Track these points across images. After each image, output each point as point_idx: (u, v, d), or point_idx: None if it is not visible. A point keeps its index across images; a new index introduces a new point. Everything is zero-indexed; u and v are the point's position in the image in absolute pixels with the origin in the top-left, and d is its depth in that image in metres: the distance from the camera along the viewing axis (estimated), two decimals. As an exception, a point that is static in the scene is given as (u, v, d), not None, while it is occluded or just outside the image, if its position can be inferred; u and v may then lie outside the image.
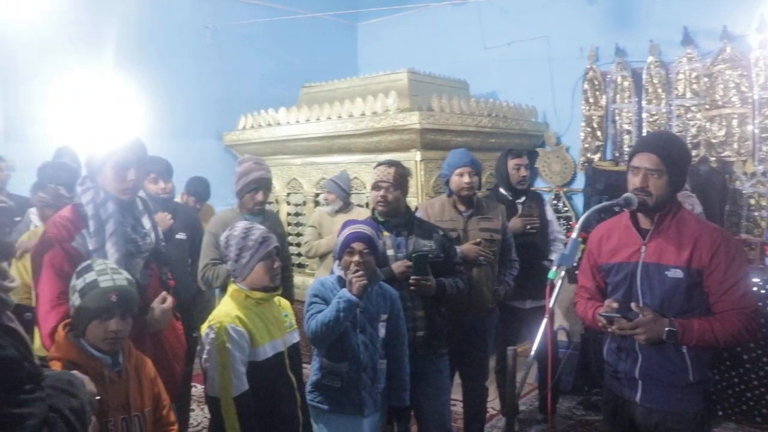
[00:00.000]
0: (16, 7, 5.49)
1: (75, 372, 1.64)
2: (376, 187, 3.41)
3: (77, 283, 2.22)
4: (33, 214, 3.89)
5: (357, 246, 2.97)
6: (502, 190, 4.59)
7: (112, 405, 2.18)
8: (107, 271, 2.24)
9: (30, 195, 3.88)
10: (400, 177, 3.45)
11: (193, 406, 4.83)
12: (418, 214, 3.71)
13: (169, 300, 2.72)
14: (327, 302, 2.98)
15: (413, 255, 3.29)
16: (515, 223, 4.37)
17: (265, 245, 2.68)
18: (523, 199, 4.55)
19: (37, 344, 2.41)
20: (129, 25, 6.15)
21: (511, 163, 4.53)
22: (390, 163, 3.47)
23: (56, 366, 2.13)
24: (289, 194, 6.51)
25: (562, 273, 2.28)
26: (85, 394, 1.53)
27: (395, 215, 3.45)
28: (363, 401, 2.99)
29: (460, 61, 7.15)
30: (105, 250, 2.49)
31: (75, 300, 2.21)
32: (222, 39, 7.03)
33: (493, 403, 4.73)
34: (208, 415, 4.45)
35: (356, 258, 2.95)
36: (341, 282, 3.03)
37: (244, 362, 2.54)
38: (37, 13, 5.59)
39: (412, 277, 3.27)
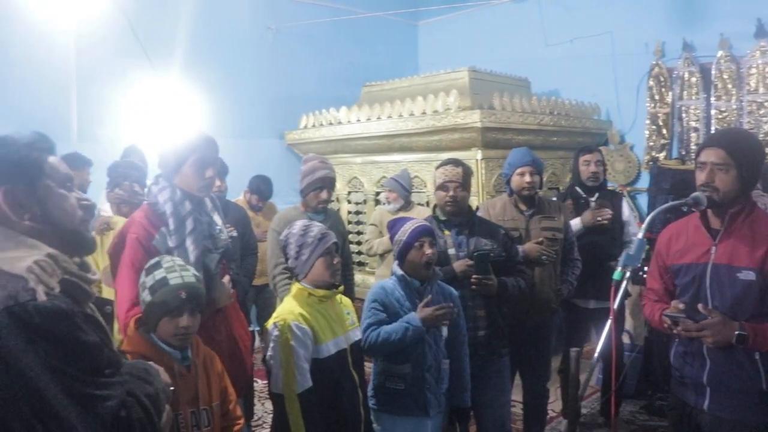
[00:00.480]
0: (90, 15, 5.72)
1: (151, 362, 1.70)
2: (443, 187, 3.39)
3: (147, 280, 2.27)
4: (103, 211, 4.00)
5: (425, 239, 2.98)
6: (577, 189, 4.51)
7: (182, 399, 2.22)
8: (176, 269, 2.27)
9: (106, 193, 4.00)
10: (467, 176, 3.44)
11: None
12: (479, 214, 3.69)
13: (227, 277, 2.78)
14: (386, 309, 2.98)
15: (475, 254, 3.27)
16: (586, 216, 4.29)
17: (324, 241, 2.70)
18: (596, 196, 4.45)
19: (116, 338, 2.50)
20: (194, 28, 6.32)
21: (581, 159, 4.46)
22: (456, 163, 3.45)
23: (128, 359, 2.19)
24: (349, 193, 6.56)
25: (627, 274, 2.24)
26: (159, 383, 1.60)
27: (460, 215, 3.44)
28: (428, 402, 2.96)
29: (521, 59, 7.08)
30: (185, 247, 2.54)
31: (145, 297, 2.25)
32: (284, 39, 7.14)
33: (554, 405, 4.67)
34: (269, 410, 4.56)
35: (428, 251, 2.96)
36: (402, 283, 3.03)
37: (307, 359, 2.56)
38: (109, 20, 5.82)
39: (474, 276, 3.25)
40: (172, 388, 1.69)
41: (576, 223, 4.30)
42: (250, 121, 6.74)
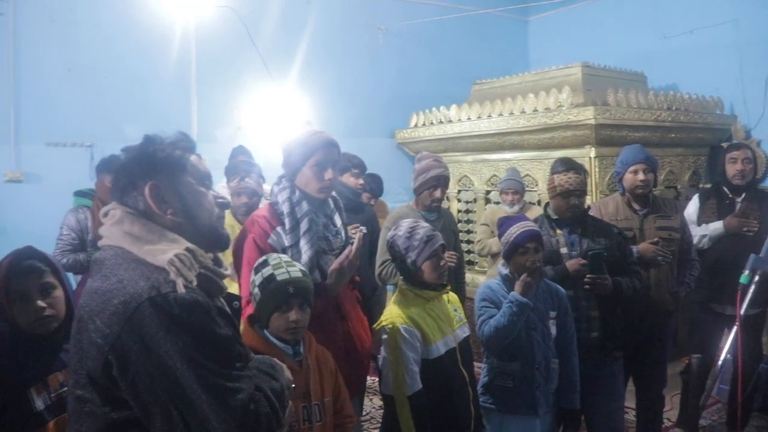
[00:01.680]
0: (209, 20, 6.08)
1: (275, 359, 1.75)
2: (565, 194, 3.34)
3: (256, 278, 2.31)
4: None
5: (531, 245, 2.96)
6: (723, 188, 4.28)
7: (294, 393, 2.20)
8: (282, 265, 2.31)
9: (230, 191, 4.19)
10: (586, 182, 3.40)
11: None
12: (591, 213, 3.62)
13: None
14: (497, 305, 2.99)
15: (589, 253, 3.22)
16: (730, 222, 4.08)
17: (431, 243, 2.69)
18: (742, 196, 4.20)
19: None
20: (307, 31, 6.56)
21: (728, 156, 4.22)
22: (576, 170, 3.38)
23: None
24: (459, 191, 6.57)
25: (756, 278, 2.15)
26: (284, 379, 1.65)
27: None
28: (537, 401, 2.96)
29: (636, 53, 6.84)
30: (299, 247, 2.60)
31: (256, 294, 2.30)
32: (394, 39, 7.23)
33: (670, 414, 4.49)
34: (377, 406, 4.66)
35: (531, 258, 2.95)
36: (508, 282, 3.04)
37: (417, 361, 2.57)
38: (226, 24, 6.16)
39: (588, 276, 3.21)
40: (293, 385, 1.73)
41: (717, 227, 4.11)
42: (361, 121, 6.88)
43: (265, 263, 2.33)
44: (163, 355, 1.36)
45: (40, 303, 2.03)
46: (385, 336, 2.59)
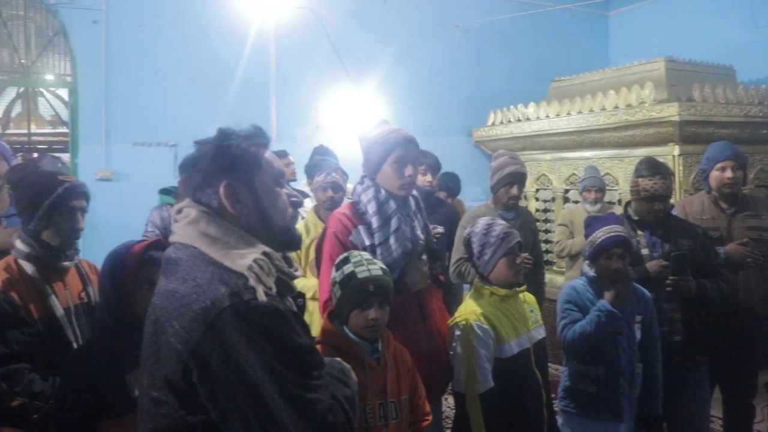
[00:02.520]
0: (288, 21, 6.25)
1: (341, 360, 1.70)
2: (650, 199, 3.24)
3: (337, 275, 2.31)
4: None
5: (616, 251, 2.90)
6: None
7: (371, 390, 2.24)
8: (363, 263, 2.30)
9: (313, 187, 4.25)
10: (671, 186, 3.30)
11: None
12: (674, 212, 3.50)
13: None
14: (580, 308, 2.94)
15: (671, 254, 3.13)
16: None
17: (507, 241, 2.66)
18: None
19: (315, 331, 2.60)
20: (384, 30, 6.63)
21: None
22: (662, 174, 3.26)
23: (320, 349, 2.23)
24: (537, 190, 6.49)
25: None
26: (354, 384, 1.62)
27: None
28: (621, 406, 2.88)
29: (724, 45, 6.58)
30: (388, 245, 2.60)
31: (336, 291, 2.30)
32: (471, 36, 7.20)
33: (760, 426, 4.29)
34: (451, 405, 4.63)
35: (616, 265, 2.88)
36: (593, 284, 2.98)
37: (489, 359, 2.55)
38: (305, 25, 6.32)
39: (671, 277, 3.11)
40: (356, 389, 1.68)
41: None
42: (438, 119, 6.88)
43: (346, 260, 2.33)
44: (244, 364, 1.33)
45: None
46: (458, 332, 2.58)
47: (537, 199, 6.50)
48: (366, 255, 2.39)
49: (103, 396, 1.97)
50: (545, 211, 6.41)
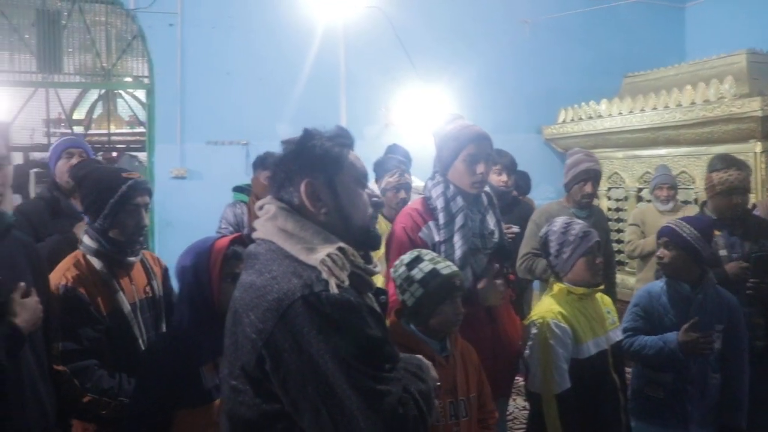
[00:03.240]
0: (357, 19, 6.33)
1: (421, 357, 1.71)
2: (727, 192, 3.15)
3: (413, 273, 2.26)
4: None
5: None
6: None
7: (441, 389, 2.18)
8: (439, 260, 2.30)
9: (383, 186, 4.26)
10: (749, 179, 3.20)
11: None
12: (756, 213, 3.37)
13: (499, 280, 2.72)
14: (649, 315, 2.86)
15: (753, 255, 3.01)
16: None
17: (586, 240, 2.61)
18: None
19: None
20: (452, 27, 6.62)
21: None
22: (738, 166, 3.17)
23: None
24: (609, 189, 6.35)
25: None
26: (431, 380, 1.61)
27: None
28: (689, 416, 2.78)
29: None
30: (452, 243, 2.58)
31: (415, 290, 2.24)
32: (540, 32, 7.10)
33: None
34: (520, 406, 4.58)
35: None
36: (670, 288, 2.88)
37: (566, 359, 2.51)
38: (373, 23, 6.38)
39: (751, 280, 3.00)
40: (438, 383, 1.70)
41: None
42: (507, 116, 6.81)
43: (419, 259, 2.29)
44: (314, 354, 1.35)
45: None
46: (534, 331, 2.54)
47: (609, 198, 6.36)
48: (434, 254, 2.37)
49: (178, 387, 2.02)
50: (617, 210, 6.27)
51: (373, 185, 4.27)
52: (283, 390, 1.40)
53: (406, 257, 2.35)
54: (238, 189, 4.66)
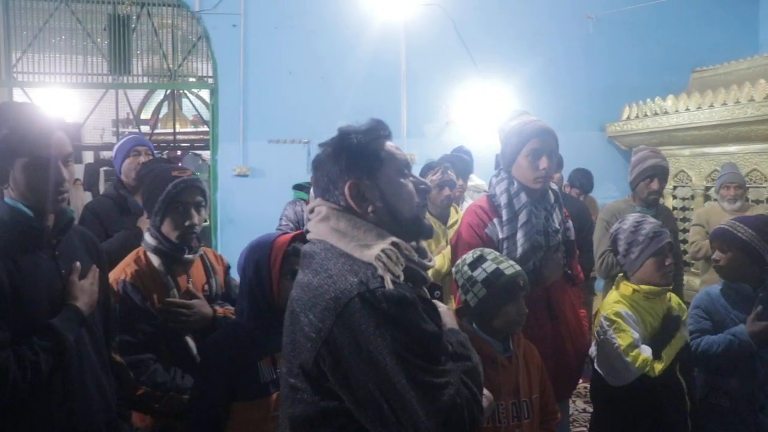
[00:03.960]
0: (417, 17, 6.33)
1: (457, 330, 1.69)
2: None
3: (476, 274, 2.24)
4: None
5: None
6: None
7: (504, 390, 2.21)
8: (502, 259, 2.27)
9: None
10: None
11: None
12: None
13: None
14: (711, 316, 2.76)
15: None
16: None
17: (656, 240, 2.56)
18: None
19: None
20: (514, 24, 6.56)
21: None
22: None
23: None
24: (675, 188, 6.18)
25: None
26: (475, 355, 1.61)
27: None
28: (760, 425, 2.64)
29: None
30: (515, 240, 2.56)
31: (478, 291, 2.23)
32: (604, 28, 6.94)
33: None
34: (580, 409, 4.50)
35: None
36: (730, 288, 2.79)
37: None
38: (434, 21, 6.37)
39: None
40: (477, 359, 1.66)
41: None
42: (569, 114, 6.69)
43: (482, 259, 2.28)
44: (373, 351, 1.37)
45: None
46: (606, 324, 2.50)
47: (675, 197, 6.19)
48: (497, 252, 2.36)
49: (236, 380, 2.07)
50: (683, 209, 6.09)
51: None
52: (344, 388, 1.42)
53: (469, 257, 2.32)
54: (298, 187, 4.71)
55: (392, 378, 1.37)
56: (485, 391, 1.66)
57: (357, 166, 1.55)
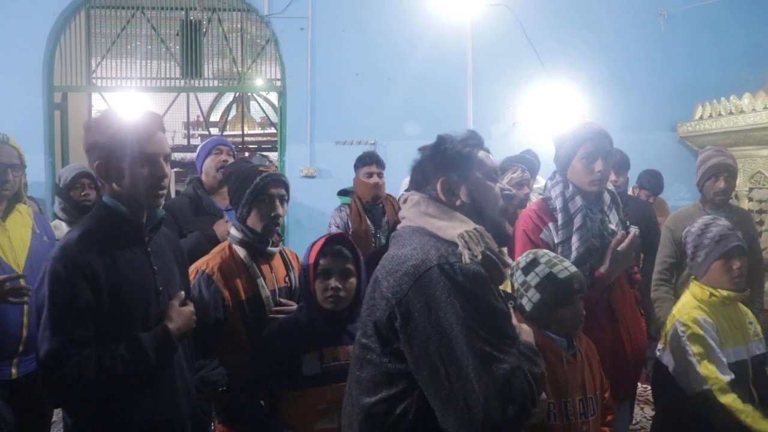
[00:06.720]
0: (483, 17, 6.32)
1: (532, 342, 1.73)
2: None
3: (529, 278, 2.25)
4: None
5: None
6: None
7: (571, 386, 2.22)
8: (555, 262, 2.25)
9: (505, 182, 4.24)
10: None
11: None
12: None
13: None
14: None
15: None
16: None
17: (722, 243, 2.51)
18: None
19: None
20: (582, 22, 6.46)
21: None
22: None
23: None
24: (751, 189, 5.96)
25: None
26: (543, 366, 1.67)
27: None
28: None
29: None
30: (569, 244, 2.55)
31: (532, 296, 2.24)
32: (676, 25, 6.76)
33: None
34: (648, 416, 4.39)
35: None
36: None
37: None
38: (501, 20, 6.35)
39: None
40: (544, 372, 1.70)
41: None
42: (638, 113, 6.55)
43: (535, 263, 2.27)
44: (441, 315, 1.49)
45: (337, 283, 2.31)
46: (682, 329, 2.46)
47: (751, 200, 5.97)
48: (552, 254, 2.35)
49: (277, 371, 2.25)
50: (760, 212, 5.87)
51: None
52: (408, 347, 1.55)
53: (522, 260, 2.32)
54: (342, 192, 4.76)
55: (454, 344, 1.47)
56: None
57: (450, 166, 1.74)
